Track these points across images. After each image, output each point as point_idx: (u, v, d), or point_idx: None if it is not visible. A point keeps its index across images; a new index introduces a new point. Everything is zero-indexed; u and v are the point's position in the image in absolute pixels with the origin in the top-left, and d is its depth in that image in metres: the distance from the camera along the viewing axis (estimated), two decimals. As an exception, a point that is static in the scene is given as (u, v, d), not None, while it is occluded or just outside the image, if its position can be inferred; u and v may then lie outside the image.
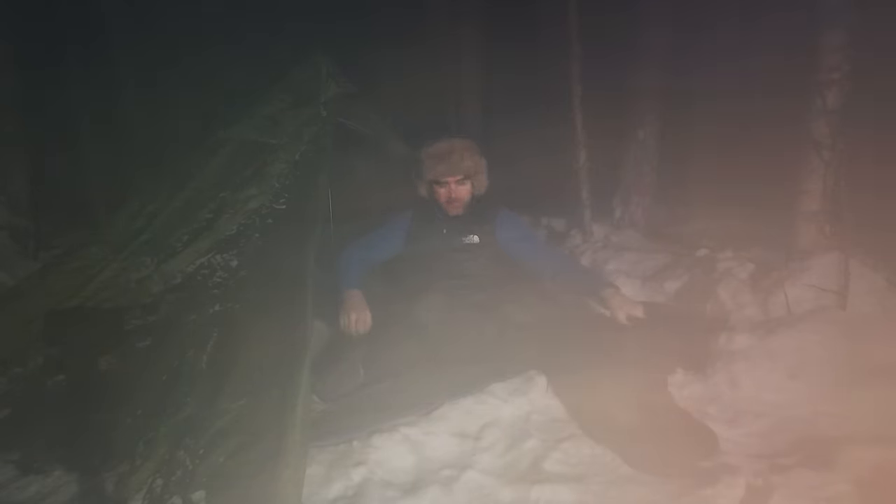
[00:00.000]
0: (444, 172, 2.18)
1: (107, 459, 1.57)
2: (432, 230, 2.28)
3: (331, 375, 1.91)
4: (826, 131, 2.51)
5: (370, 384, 1.91)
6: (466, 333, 2.10)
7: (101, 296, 2.06)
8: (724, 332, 2.27)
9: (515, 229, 2.35)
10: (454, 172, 2.17)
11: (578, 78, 3.78)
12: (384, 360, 1.96)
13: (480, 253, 2.28)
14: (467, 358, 2.07)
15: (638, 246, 3.77)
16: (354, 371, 1.94)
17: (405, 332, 2.01)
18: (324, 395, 1.90)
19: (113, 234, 2.21)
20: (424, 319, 1.98)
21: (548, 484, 1.52)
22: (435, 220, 2.28)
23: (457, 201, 2.23)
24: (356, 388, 1.91)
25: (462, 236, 2.25)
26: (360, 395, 1.88)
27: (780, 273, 2.43)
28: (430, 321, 1.98)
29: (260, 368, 1.62)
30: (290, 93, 2.51)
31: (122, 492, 1.41)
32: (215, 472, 1.39)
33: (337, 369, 1.93)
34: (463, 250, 2.25)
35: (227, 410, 1.52)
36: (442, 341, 2.02)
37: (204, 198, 2.29)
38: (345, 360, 1.95)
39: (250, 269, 2.01)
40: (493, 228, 2.30)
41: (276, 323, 1.74)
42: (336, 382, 1.91)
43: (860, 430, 1.80)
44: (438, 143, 2.20)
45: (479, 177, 2.26)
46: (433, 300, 2.03)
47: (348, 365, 1.95)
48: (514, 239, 2.32)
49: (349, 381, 1.93)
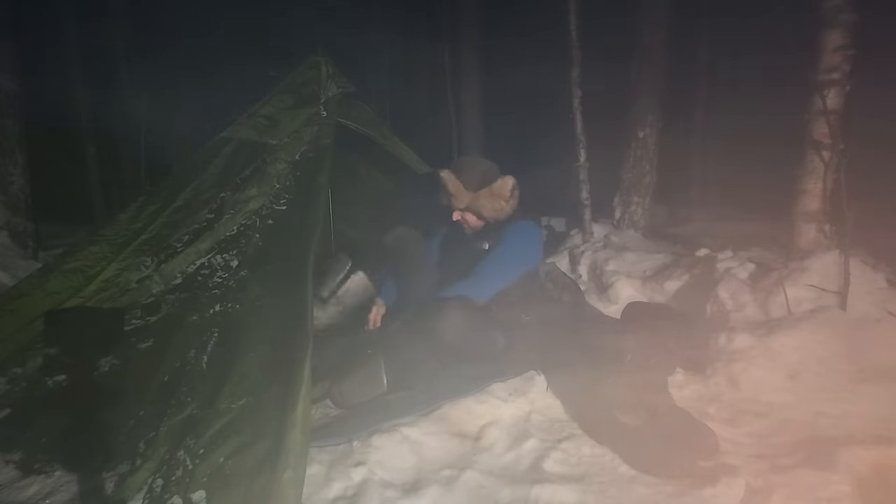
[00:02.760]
0: (450, 201, 2.25)
1: (107, 459, 1.57)
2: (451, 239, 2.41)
3: (346, 381, 1.91)
4: (826, 131, 2.51)
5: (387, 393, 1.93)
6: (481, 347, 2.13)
7: (101, 296, 2.06)
8: (724, 332, 2.27)
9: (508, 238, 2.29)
10: (456, 205, 2.24)
11: (578, 81, 3.78)
12: (400, 372, 1.99)
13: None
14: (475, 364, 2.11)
15: (638, 246, 3.77)
16: (377, 380, 1.95)
17: (424, 347, 2.04)
18: (339, 402, 1.90)
19: (113, 234, 2.20)
20: (444, 337, 1.99)
21: (548, 484, 1.51)
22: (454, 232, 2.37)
23: (465, 224, 2.30)
24: (376, 397, 1.92)
25: (473, 245, 2.33)
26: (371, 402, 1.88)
27: (780, 273, 2.43)
28: (448, 338, 1.99)
29: (260, 368, 1.62)
30: (291, 93, 2.51)
31: (122, 492, 1.41)
32: (215, 472, 1.39)
33: (355, 375, 1.93)
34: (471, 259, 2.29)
35: (227, 410, 1.52)
36: (458, 355, 2.08)
37: (204, 198, 2.29)
38: (366, 367, 1.96)
39: (251, 269, 2.01)
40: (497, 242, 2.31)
41: (277, 323, 1.74)
42: (352, 389, 1.91)
43: (860, 430, 1.80)
44: (447, 171, 2.24)
45: (488, 209, 2.25)
46: (453, 317, 2.01)
47: (370, 372, 1.95)
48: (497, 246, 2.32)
49: (370, 390, 1.93)
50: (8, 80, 3.73)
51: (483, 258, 2.26)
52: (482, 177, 2.23)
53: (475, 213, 2.26)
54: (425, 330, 2.02)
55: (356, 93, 2.67)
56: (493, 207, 2.24)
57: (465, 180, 2.22)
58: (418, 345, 2.04)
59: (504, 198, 2.24)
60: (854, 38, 2.48)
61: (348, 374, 1.94)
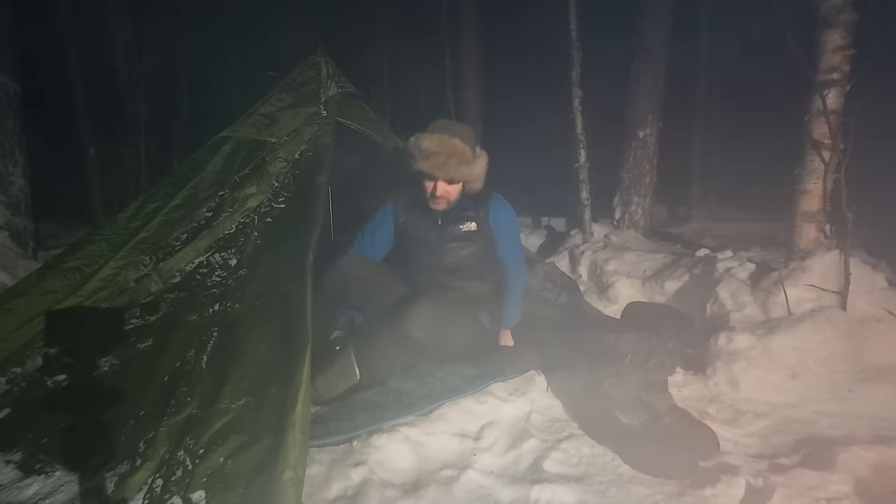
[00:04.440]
0: (434, 170, 1.98)
1: (107, 459, 1.57)
2: (425, 220, 2.15)
3: (320, 377, 1.90)
4: (826, 131, 2.51)
5: (359, 390, 1.91)
6: (462, 331, 2.09)
7: (99, 295, 2.06)
8: (724, 332, 2.27)
9: (507, 219, 2.20)
10: (444, 174, 1.99)
11: (578, 81, 3.78)
12: (371, 366, 1.95)
13: (476, 240, 2.15)
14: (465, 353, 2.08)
15: (638, 246, 3.77)
16: (350, 371, 1.93)
17: (392, 342, 1.97)
18: (317, 398, 1.89)
19: (112, 232, 2.20)
20: (411, 334, 1.91)
21: (548, 484, 1.51)
22: (428, 209, 2.12)
23: (442, 199, 2.05)
24: (351, 390, 1.91)
25: (459, 224, 2.14)
26: (355, 398, 1.88)
27: (780, 273, 2.43)
28: (415, 335, 1.92)
29: (260, 368, 1.62)
30: (290, 92, 2.51)
31: (122, 492, 1.41)
32: (215, 471, 1.39)
33: (330, 370, 1.92)
34: (459, 239, 2.14)
35: (227, 410, 1.52)
36: (431, 347, 1.99)
37: (203, 196, 2.29)
38: (338, 361, 1.95)
39: (249, 267, 2.00)
40: (486, 214, 2.15)
41: (276, 322, 1.74)
42: (327, 384, 1.91)
43: (860, 430, 1.80)
44: (435, 136, 1.98)
45: (472, 179, 2.07)
46: (419, 314, 1.92)
47: (343, 365, 1.94)
48: (504, 232, 2.19)
49: (343, 382, 1.92)
50: (8, 80, 3.73)
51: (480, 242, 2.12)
52: (476, 139, 2.02)
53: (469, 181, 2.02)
54: (393, 325, 1.95)
55: (356, 92, 2.67)
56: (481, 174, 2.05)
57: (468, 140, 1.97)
58: (385, 338, 1.98)
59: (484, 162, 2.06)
60: (854, 38, 2.48)
61: (322, 370, 1.89)
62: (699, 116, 7.05)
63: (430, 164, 1.97)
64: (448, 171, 1.97)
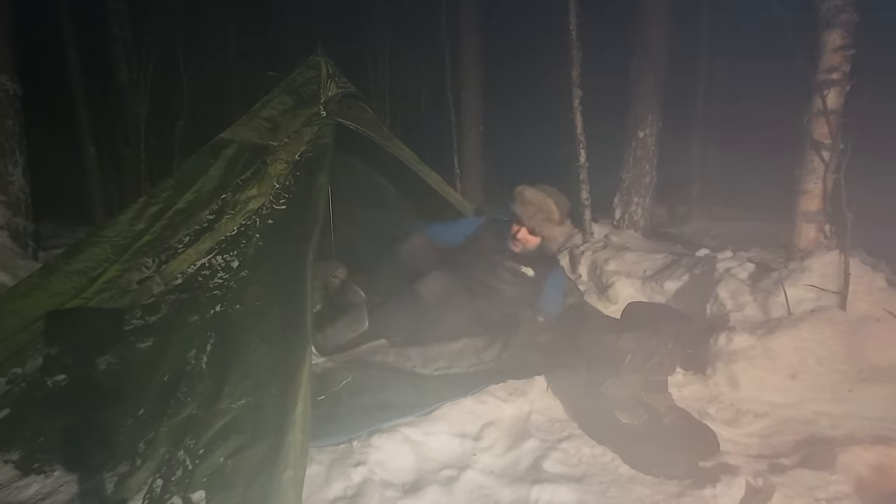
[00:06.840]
0: (522, 216, 2.29)
1: (107, 459, 1.57)
2: (499, 245, 2.41)
3: (330, 326, 2.04)
4: (826, 131, 2.51)
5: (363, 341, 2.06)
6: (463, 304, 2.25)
7: (102, 296, 2.06)
8: (724, 332, 2.27)
9: (558, 282, 2.49)
10: (529, 224, 2.28)
11: (578, 81, 3.78)
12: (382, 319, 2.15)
13: (524, 285, 2.37)
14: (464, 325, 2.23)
15: (638, 246, 3.77)
16: (359, 321, 2.09)
17: (402, 300, 2.19)
18: (323, 347, 1.96)
19: (115, 235, 2.20)
20: (419, 289, 2.15)
21: (548, 484, 1.52)
22: (504, 246, 2.39)
23: (519, 243, 2.33)
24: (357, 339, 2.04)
25: (522, 264, 2.37)
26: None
27: (780, 273, 2.43)
28: (422, 291, 2.15)
29: (260, 368, 1.62)
30: (291, 94, 2.50)
31: (122, 492, 1.41)
32: (215, 472, 1.39)
33: (342, 319, 2.09)
34: (513, 273, 2.36)
35: (227, 410, 1.52)
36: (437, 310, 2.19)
37: (205, 199, 2.29)
38: (351, 312, 2.12)
39: (251, 269, 2.01)
40: (543, 277, 2.41)
41: (276, 323, 1.74)
42: (335, 332, 2.05)
43: (860, 430, 1.80)
44: (536, 191, 2.30)
45: (550, 238, 2.34)
46: (432, 276, 2.18)
47: (355, 316, 2.11)
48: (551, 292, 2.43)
49: (351, 331, 2.05)
50: (8, 80, 3.73)
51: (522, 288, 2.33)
52: (567, 211, 2.32)
53: (546, 239, 2.32)
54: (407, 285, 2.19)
55: (356, 93, 2.67)
56: (560, 241, 2.36)
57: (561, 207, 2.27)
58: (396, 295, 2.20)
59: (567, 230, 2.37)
60: (854, 38, 2.48)
61: (333, 320, 2.10)
62: (699, 116, 7.05)
63: (522, 210, 2.27)
64: (533, 222, 2.26)
